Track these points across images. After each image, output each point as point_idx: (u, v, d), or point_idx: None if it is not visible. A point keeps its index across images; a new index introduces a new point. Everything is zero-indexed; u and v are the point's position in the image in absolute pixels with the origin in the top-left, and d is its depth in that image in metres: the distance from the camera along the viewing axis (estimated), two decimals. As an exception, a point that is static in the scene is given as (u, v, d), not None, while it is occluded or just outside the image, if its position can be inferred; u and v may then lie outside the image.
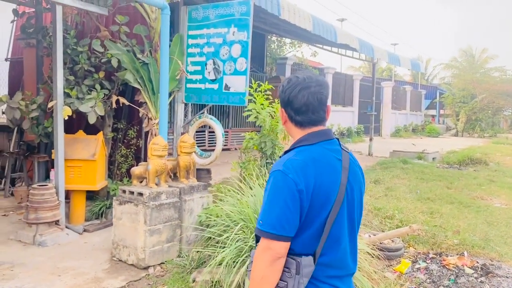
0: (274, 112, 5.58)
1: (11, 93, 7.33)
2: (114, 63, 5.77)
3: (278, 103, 1.97)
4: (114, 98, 6.08)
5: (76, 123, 6.94)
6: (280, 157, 1.73)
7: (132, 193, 4.59)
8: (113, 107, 6.17)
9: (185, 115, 7.51)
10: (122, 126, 6.85)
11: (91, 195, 6.52)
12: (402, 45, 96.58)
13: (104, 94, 5.91)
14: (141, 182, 4.83)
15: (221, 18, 6.08)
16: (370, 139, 14.80)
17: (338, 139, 1.76)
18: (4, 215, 6.35)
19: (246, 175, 5.26)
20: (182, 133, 6.39)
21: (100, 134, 6.11)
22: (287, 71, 16.39)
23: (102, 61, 6.05)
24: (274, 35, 16.10)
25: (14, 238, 5.31)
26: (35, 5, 6.66)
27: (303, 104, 1.67)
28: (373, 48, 10.97)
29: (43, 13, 6.92)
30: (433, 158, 13.87)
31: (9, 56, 9.41)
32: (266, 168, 5.39)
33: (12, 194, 7.36)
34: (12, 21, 6.80)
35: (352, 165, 1.71)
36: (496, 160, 13.83)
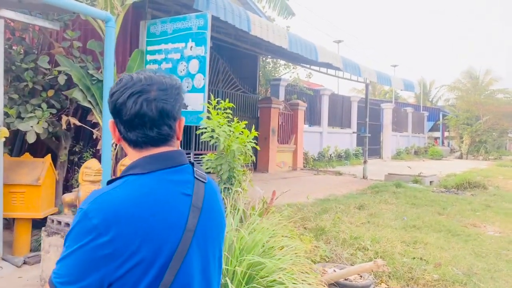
0: (233, 131, 5.09)
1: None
2: (61, 80, 5.37)
3: (238, 121, 1.36)
4: (64, 118, 5.66)
5: (38, 146, 6.52)
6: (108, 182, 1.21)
7: (59, 223, 4.09)
8: (63, 128, 5.73)
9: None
10: (78, 149, 6.41)
11: (41, 223, 6.03)
12: (402, 67, 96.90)
13: (51, 113, 5.48)
14: (73, 210, 4.33)
15: (178, 33, 5.70)
16: (364, 162, 14.23)
17: (192, 164, 1.25)
18: None
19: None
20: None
21: (48, 157, 5.65)
22: (281, 92, 16.05)
23: (50, 78, 5.65)
24: (269, 56, 15.83)
25: None
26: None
27: (135, 115, 1.15)
28: (360, 67, 10.53)
29: None
30: (430, 182, 13.22)
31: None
32: (223, 195, 4.87)
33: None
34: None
35: (208, 202, 1.21)
36: (496, 184, 13.14)
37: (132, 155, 1.21)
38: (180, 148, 1.27)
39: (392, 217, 7.74)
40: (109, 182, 1.17)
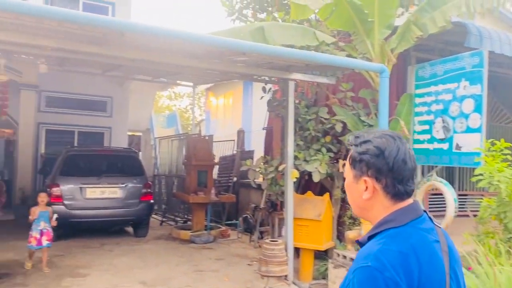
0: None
1: (265, 155, 8.59)
2: (338, 128, 6.06)
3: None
4: (341, 162, 6.31)
5: (313, 185, 7.48)
6: (359, 244, 1.36)
7: (344, 257, 4.56)
8: (339, 169, 6.39)
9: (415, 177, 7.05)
10: (349, 188, 6.98)
11: (322, 255, 6.77)
12: None
13: (330, 156, 6.22)
14: (356, 248, 4.75)
15: (450, 73, 5.63)
16: None
17: (426, 212, 1.37)
18: (249, 264, 7.26)
19: (483, 251, 4.45)
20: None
21: (327, 195, 6.39)
22: None
23: (328, 126, 6.44)
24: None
25: (250, 287, 5.99)
26: (278, 82, 7.77)
27: (409, 170, 1.33)
28: None
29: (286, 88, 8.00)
30: None
31: (265, 125, 11.10)
32: (508, 245, 4.44)
33: (260, 246, 8.39)
34: (261, 98, 8.08)
35: (449, 245, 1.35)
36: None
37: (384, 208, 1.34)
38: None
39: None
40: (370, 237, 1.33)
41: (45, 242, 6.28)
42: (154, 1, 47.94)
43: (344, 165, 6.25)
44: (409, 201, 1.35)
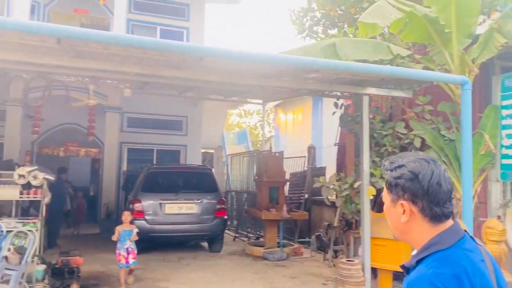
0: None
1: (338, 172, 8.45)
2: (417, 143, 5.82)
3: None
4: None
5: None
6: (407, 269, 1.40)
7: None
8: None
9: (504, 196, 6.52)
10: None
11: (400, 275, 6.47)
12: None
13: (408, 173, 5.97)
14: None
15: (541, 82, 5.19)
16: None
17: (467, 231, 1.41)
18: (324, 283, 7.12)
19: None
20: (498, 217, 5.57)
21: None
22: None
23: (406, 142, 6.21)
24: None
25: (326, 306, 5.87)
26: (350, 97, 7.65)
27: (445, 192, 1.36)
28: None
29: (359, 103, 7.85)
30: None
31: (337, 141, 10.95)
32: None
33: (334, 265, 8.20)
34: (333, 113, 8.00)
35: (493, 263, 1.39)
36: None
37: (425, 230, 1.37)
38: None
39: None
40: (418, 261, 1.36)
41: (131, 260, 6.49)
42: (224, 21, 49.79)
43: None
44: (450, 222, 1.38)
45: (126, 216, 6.65)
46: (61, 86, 8.57)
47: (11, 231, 6.13)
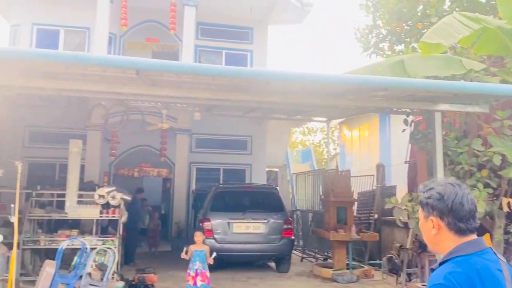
0: None
1: (410, 192, 8.11)
2: (496, 160, 5.47)
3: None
4: (505, 200, 5.65)
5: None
6: (431, 269, 1.69)
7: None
8: (503, 208, 5.72)
9: None
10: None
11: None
12: None
13: (488, 193, 5.61)
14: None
15: None
16: None
17: (491, 248, 1.66)
18: (398, 308, 6.81)
19: None
20: None
21: (486, 236, 5.72)
22: None
23: (484, 159, 5.85)
24: None
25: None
26: (421, 114, 7.37)
27: (468, 211, 1.62)
28: None
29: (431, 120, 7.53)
30: None
31: (408, 159, 10.53)
32: None
33: (407, 288, 7.82)
34: (403, 130, 7.74)
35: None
36: None
37: (451, 241, 1.63)
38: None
39: None
40: (441, 263, 1.63)
41: (199, 282, 6.36)
42: (287, 41, 50.37)
43: (508, 203, 5.58)
44: (474, 236, 1.64)
45: (198, 236, 6.62)
46: (137, 112, 9.14)
47: (92, 248, 6.55)
